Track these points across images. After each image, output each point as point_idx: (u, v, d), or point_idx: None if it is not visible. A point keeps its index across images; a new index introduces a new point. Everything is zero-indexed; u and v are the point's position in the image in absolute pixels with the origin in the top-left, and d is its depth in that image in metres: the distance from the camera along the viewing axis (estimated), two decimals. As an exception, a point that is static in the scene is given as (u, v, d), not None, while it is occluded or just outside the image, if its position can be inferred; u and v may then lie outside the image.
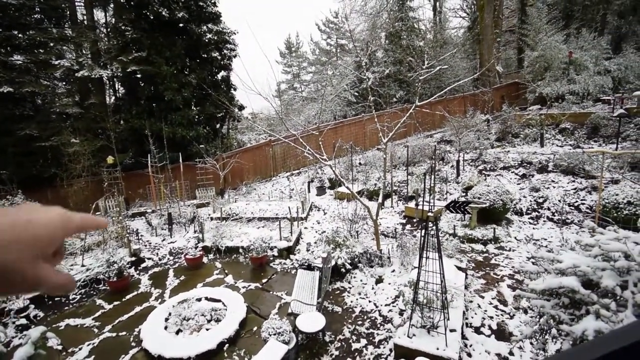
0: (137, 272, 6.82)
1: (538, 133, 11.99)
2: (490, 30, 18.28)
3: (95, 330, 5.01)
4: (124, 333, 4.89)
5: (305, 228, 8.62)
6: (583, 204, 7.82)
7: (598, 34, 17.22)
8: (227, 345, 4.43)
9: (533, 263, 6.04)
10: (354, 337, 4.54)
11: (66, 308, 5.65)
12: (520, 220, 7.84)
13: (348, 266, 5.94)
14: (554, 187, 8.66)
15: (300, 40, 34.61)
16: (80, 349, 4.58)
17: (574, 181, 8.65)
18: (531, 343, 3.89)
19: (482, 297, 5.16)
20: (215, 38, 15.25)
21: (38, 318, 5.39)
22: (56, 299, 5.84)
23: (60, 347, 4.58)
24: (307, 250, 7.28)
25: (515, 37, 22.34)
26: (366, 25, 23.33)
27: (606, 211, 6.59)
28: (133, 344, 4.63)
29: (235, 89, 17.22)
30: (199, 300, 5.30)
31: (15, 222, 0.36)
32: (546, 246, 6.66)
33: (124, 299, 5.82)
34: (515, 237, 7.09)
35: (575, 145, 10.97)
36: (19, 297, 5.48)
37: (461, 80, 8.92)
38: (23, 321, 5.16)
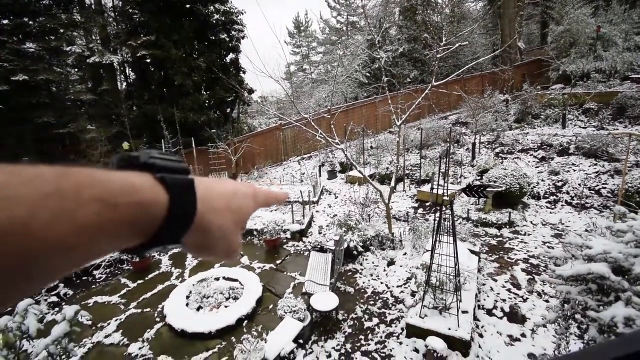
0: (158, 253, 7.09)
1: (560, 114, 11.50)
2: (513, 3, 17.24)
3: (122, 307, 5.31)
4: (148, 310, 5.16)
5: (317, 212, 8.71)
6: (604, 188, 7.58)
7: (629, 7, 16.04)
8: (245, 321, 4.64)
9: (549, 247, 5.98)
10: (367, 316, 4.66)
11: (94, 287, 5.98)
12: (537, 205, 7.69)
13: (360, 249, 6.02)
14: (575, 170, 8.39)
15: (309, 19, 33.66)
16: (108, 324, 4.88)
17: (596, 164, 8.35)
18: (545, 326, 3.91)
19: (496, 281, 5.17)
20: (223, 19, 15.00)
21: (68, 296, 5.73)
22: (84, 278, 6.18)
23: (90, 323, 4.89)
24: (320, 233, 7.39)
25: (540, 10, 21.04)
26: (379, 1, 22.40)
27: (629, 196, 6.37)
28: (157, 319, 4.90)
29: (244, 72, 17.05)
30: (217, 279, 5.52)
31: (225, 191, 0.38)
32: (563, 231, 6.55)
33: (147, 278, 6.10)
34: (531, 222, 6.98)
35: (599, 127, 10.49)
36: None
37: (480, 59, 8.53)
38: (54, 299, 5.51)
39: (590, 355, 0.41)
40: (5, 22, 12.25)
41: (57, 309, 5.30)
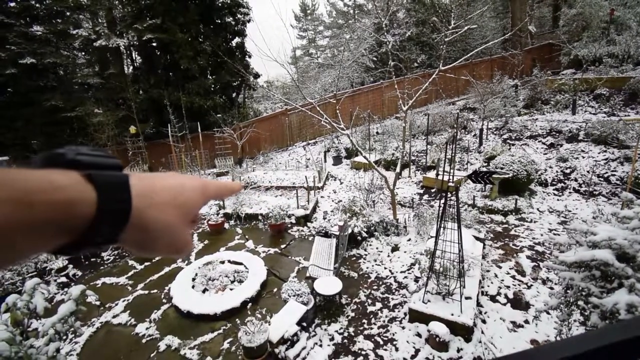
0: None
1: (570, 99, 11.19)
2: (524, -16, 16.56)
3: (129, 288, 5.44)
4: (155, 291, 5.28)
5: (322, 197, 8.72)
6: (613, 175, 7.43)
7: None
8: (249, 304, 4.73)
9: (555, 234, 5.93)
10: (370, 301, 4.72)
11: (102, 268, 6.12)
12: (544, 192, 7.59)
13: (364, 234, 6.04)
14: (584, 157, 8.22)
15: (316, 2, 32.84)
16: (116, 304, 5.01)
17: (605, 151, 8.17)
18: (547, 312, 3.92)
19: (500, 267, 5.16)
20: (229, 1, 14.69)
21: (77, 277, 5.88)
22: (92, 259, 6.32)
23: (98, 303, 5.02)
24: (324, 218, 7.41)
25: (553, -9, 20.15)
26: (387, -17, 21.62)
27: (638, 183, 6.25)
28: (164, 300, 5.01)
29: (250, 56, 16.81)
30: (222, 262, 5.60)
31: (169, 185, 0.36)
32: (570, 218, 6.48)
33: (153, 260, 6.21)
34: (537, 209, 6.91)
35: (610, 113, 10.22)
36: (59, 258, 5.96)
37: (490, 42, 8.26)
38: (63, 279, 5.66)
39: (589, 340, 0.41)
40: (12, 4, 12.14)
41: (65, 289, 5.44)
